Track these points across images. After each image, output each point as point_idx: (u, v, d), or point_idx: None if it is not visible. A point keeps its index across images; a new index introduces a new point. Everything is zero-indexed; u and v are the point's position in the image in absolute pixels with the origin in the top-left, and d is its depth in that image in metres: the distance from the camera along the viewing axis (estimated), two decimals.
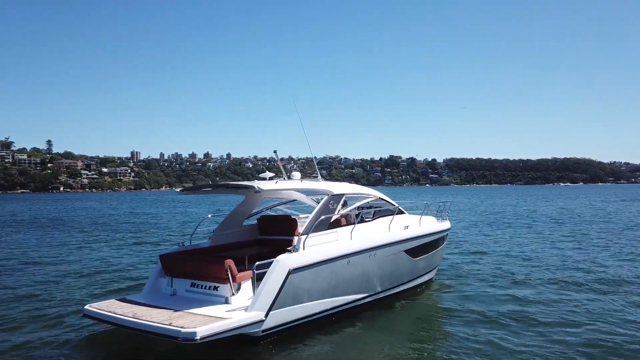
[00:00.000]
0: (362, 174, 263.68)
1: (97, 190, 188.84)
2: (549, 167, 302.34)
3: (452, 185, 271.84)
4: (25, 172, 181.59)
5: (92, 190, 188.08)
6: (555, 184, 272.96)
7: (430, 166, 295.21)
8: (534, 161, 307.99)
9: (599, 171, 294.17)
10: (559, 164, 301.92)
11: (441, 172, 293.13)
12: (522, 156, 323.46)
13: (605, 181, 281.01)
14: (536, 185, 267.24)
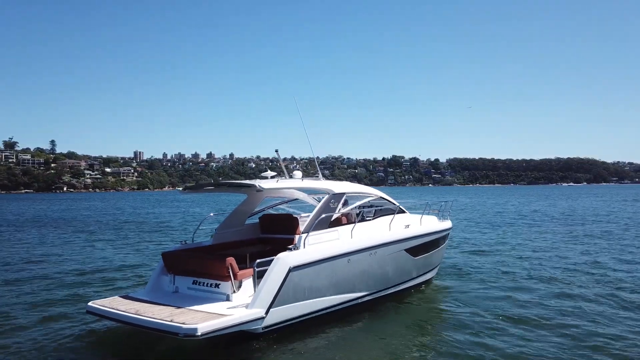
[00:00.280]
0: (364, 174, 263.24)
1: (100, 190, 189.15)
2: (552, 167, 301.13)
3: (455, 185, 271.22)
4: (28, 172, 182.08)
5: (96, 190, 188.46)
6: (558, 184, 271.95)
7: (433, 166, 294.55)
8: (537, 161, 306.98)
9: (602, 171, 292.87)
10: (562, 164, 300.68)
11: (444, 172, 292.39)
12: (525, 156, 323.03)
13: (608, 181, 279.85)
14: (539, 185, 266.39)
